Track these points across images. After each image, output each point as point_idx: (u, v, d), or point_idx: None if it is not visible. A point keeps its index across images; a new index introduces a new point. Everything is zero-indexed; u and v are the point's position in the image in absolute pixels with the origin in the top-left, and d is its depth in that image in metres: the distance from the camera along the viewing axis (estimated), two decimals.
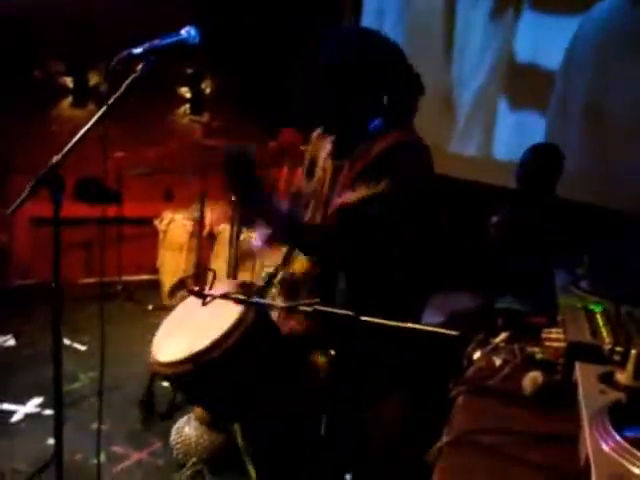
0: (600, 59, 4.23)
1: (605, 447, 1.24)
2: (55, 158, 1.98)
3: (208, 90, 6.91)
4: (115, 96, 2.05)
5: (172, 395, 3.92)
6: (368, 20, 6.15)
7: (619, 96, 4.08)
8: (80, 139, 2.03)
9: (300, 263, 2.43)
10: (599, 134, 4.21)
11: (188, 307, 2.33)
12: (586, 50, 4.33)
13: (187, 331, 2.21)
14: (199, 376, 2.09)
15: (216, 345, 2.04)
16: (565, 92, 4.49)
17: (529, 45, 4.73)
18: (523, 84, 4.81)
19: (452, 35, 5.34)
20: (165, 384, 4.00)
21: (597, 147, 4.14)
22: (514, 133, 4.87)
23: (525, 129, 4.75)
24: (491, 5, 5.00)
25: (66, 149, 2.01)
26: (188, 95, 6.85)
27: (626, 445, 1.22)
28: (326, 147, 2.50)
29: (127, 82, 2.07)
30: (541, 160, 3.66)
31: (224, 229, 5.24)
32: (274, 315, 2.34)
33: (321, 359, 2.22)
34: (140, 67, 2.11)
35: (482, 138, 5.17)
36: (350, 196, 2.20)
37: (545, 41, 4.59)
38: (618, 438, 1.25)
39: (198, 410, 3.33)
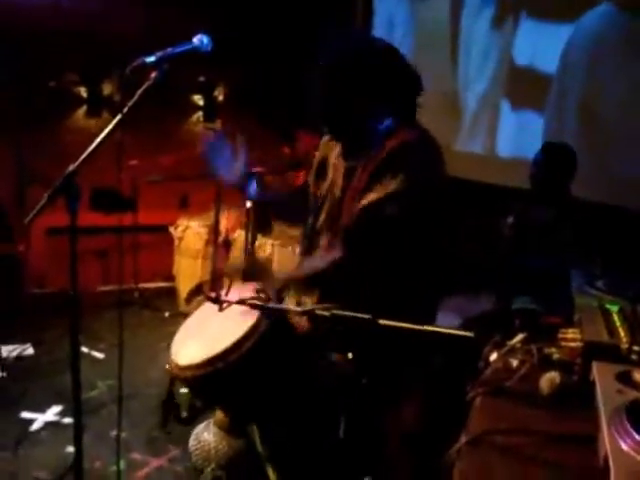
0: (591, 64, 4.42)
1: (624, 446, 1.25)
2: (71, 166, 2.00)
3: (221, 97, 6.94)
4: (129, 104, 2.07)
5: (192, 400, 3.93)
6: (379, 31, 6.31)
7: (609, 98, 4.25)
8: (96, 148, 2.04)
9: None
10: (592, 133, 4.38)
11: (206, 311, 2.34)
12: (578, 55, 4.51)
13: (205, 335, 2.22)
14: (217, 379, 2.10)
15: (234, 348, 2.05)
16: (560, 94, 4.67)
17: (528, 50, 4.93)
18: (523, 87, 5.01)
19: (457, 43, 5.57)
20: (183, 390, 4.02)
21: (591, 146, 4.27)
22: (516, 132, 5.06)
23: (526, 128, 4.93)
24: (492, 14, 5.23)
25: (82, 158, 2.02)
26: (201, 102, 6.88)
27: None
28: (336, 149, 2.51)
29: (141, 90, 2.09)
30: (554, 159, 3.64)
31: (239, 235, 5.25)
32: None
33: (339, 360, 2.22)
34: (154, 75, 2.13)
35: (486, 138, 5.33)
36: (367, 198, 2.20)
37: (542, 47, 4.79)
38: (637, 437, 1.25)
39: (217, 415, 3.33)
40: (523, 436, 1.55)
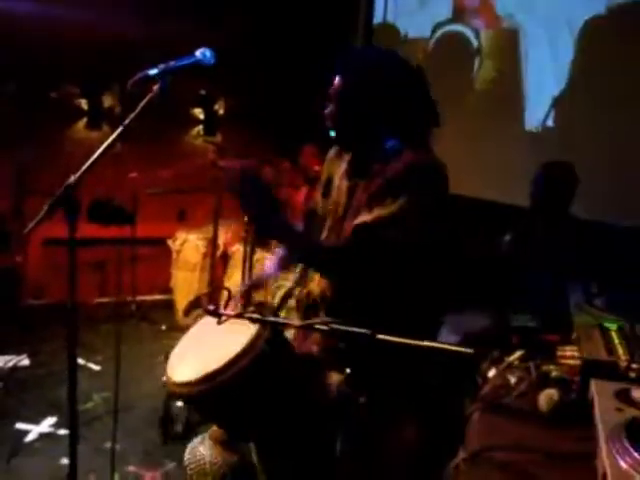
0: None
1: (623, 464, 1.24)
2: (72, 178, 1.99)
3: (221, 111, 6.96)
4: (131, 116, 2.07)
5: (187, 414, 3.92)
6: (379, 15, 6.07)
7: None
8: (96, 160, 2.04)
9: (316, 283, 2.43)
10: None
11: (203, 327, 2.33)
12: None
13: (202, 351, 2.21)
14: (213, 396, 2.09)
15: (231, 365, 2.04)
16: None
17: None
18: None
19: None
20: (179, 404, 4.01)
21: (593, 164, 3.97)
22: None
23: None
24: None
25: (82, 170, 2.02)
26: (201, 116, 6.90)
27: None
28: (342, 166, 2.50)
29: (143, 103, 2.09)
30: (555, 178, 3.63)
31: (238, 249, 5.25)
32: (290, 334, 2.34)
33: (337, 378, 2.22)
34: (156, 88, 2.13)
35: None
36: (366, 216, 2.19)
37: None
38: (635, 455, 1.24)
39: (213, 430, 3.32)
40: (521, 453, 1.55)
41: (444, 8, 4.72)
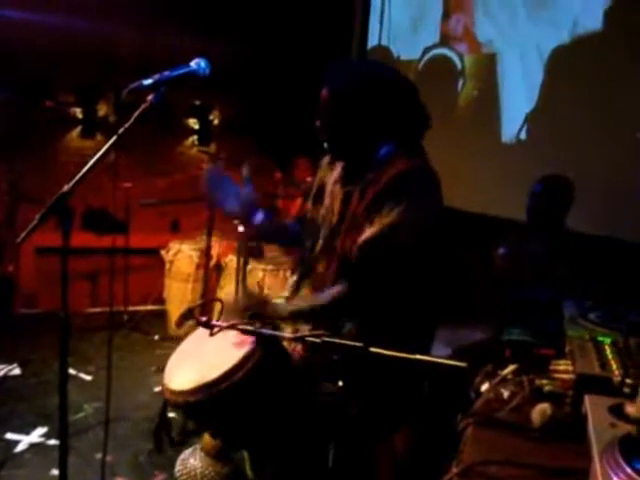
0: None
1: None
2: (65, 187, 1.99)
3: (216, 121, 6.96)
4: (125, 126, 2.07)
5: (183, 423, 3.91)
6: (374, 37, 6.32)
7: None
8: (90, 169, 2.03)
9: (310, 290, 2.43)
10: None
11: (201, 335, 2.33)
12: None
13: (199, 360, 2.20)
14: (210, 405, 2.08)
15: (229, 375, 2.04)
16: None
17: None
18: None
19: None
20: (172, 415, 4.00)
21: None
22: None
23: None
24: None
25: (76, 179, 2.01)
26: (196, 126, 6.90)
27: (637, 478, 1.21)
28: (335, 173, 2.51)
29: (137, 112, 2.09)
30: (553, 191, 3.63)
31: (231, 260, 5.25)
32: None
33: (330, 388, 2.21)
34: (150, 98, 2.13)
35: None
36: (369, 232, 2.20)
37: None
38: (629, 471, 1.23)
39: (205, 441, 3.30)
40: (514, 468, 1.54)
41: (432, 34, 5.22)
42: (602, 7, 3.85)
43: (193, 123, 6.88)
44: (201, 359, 2.20)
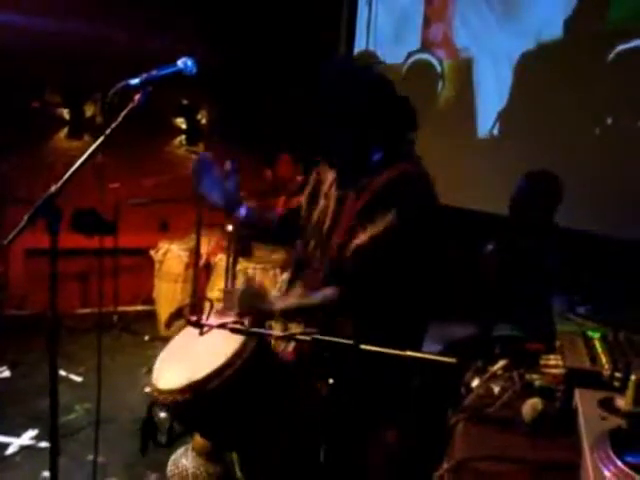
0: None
1: (607, 473, 1.24)
2: (53, 187, 1.98)
3: (204, 121, 6.94)
4: (113, 126, 2.06)
5: (170, 424, 3.90)
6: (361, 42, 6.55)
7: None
8: (77, 169, 2.02)
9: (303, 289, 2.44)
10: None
11: (189, 334, 2.33)
12: None
13: (188, 359, 2.20)
14: (197, 405, 2.08)
15: (216, 375, 2.03)
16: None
17: None
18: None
19: None
20: (163, 415, 4.00)
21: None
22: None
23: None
24: None
25: (64, 179, 2.00)
26: (184, 126, 6.88)
27: (628, 471, 1.22)
28: (329, 176, 2.51)
29: (124, 112, 2.08)
30: (537, 186, 3.63)
31: (220, 259, 5.24)
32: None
33: (320, 387, 2.21)
34: (137, 97, 2.12)
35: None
36: (362, 237, 2.21)
37: None
38: (619, 464, 1.24)
39: (196, 441, 3.30)
40: (506, 463, 1.55)
41: (415, 41, 5.69)
42: (562, 17, 4.28)
43: (181, 123, 6.86)
44: (190, 357, 2.20)
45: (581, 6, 4.18)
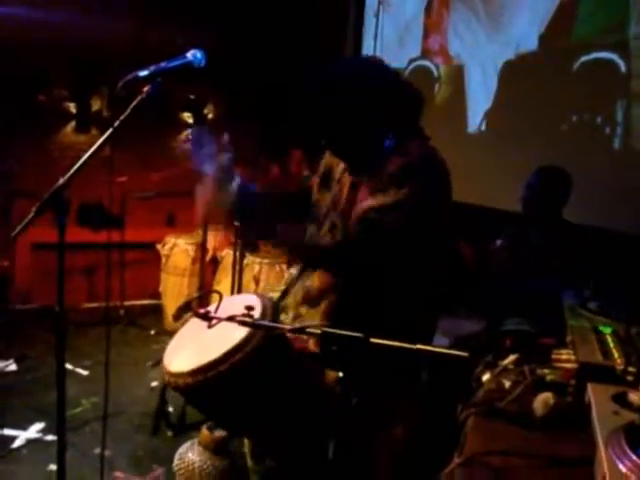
0: None
1: (622, 468, 1.23)
2: (61, 180, 1.97)
3: (210, 115, 6.94)
4: (121, 118, 2.05)
5: (181, 413, 3.92)
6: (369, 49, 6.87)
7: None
8: (85, 163, 2.02)
9: (318, 277, 2.43)
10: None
11: (200, 322, 2.32)
12: None
13: (198, 344, 2.19)
14: (210, 387, 2.07)
15: (228, 356, 2.02)
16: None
17: None
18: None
19: None
20: (171, 409, 4.00)
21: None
22: None
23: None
24: None
25: (72, 171, 1.99)
26: (190, 120, 6.87)
27: None
28: (341, 162, 2.51)
29: (133, 104, 2.07)
30: (549, 182, 3.62)
31: (227, 254, 5.23)
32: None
33: (332, 376, 2.20)
34: (146, 89, 2.11)
35: None
36: (370, 202, 2.20)
37: None
38: (635, 458, 1.23)
39: (203, 435, 3.30)
40: (517, 458, 1.53)
41: (416, 49, 6.41)
42: (537, 32, 4.98)
43: (187, 117, 6.86)
44: (200, 342, 2.19)
45: (552, 24, 4.89)
